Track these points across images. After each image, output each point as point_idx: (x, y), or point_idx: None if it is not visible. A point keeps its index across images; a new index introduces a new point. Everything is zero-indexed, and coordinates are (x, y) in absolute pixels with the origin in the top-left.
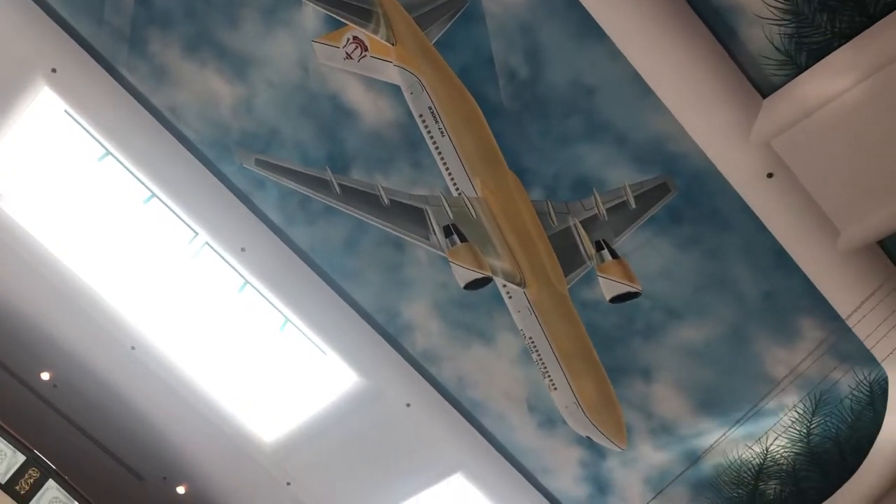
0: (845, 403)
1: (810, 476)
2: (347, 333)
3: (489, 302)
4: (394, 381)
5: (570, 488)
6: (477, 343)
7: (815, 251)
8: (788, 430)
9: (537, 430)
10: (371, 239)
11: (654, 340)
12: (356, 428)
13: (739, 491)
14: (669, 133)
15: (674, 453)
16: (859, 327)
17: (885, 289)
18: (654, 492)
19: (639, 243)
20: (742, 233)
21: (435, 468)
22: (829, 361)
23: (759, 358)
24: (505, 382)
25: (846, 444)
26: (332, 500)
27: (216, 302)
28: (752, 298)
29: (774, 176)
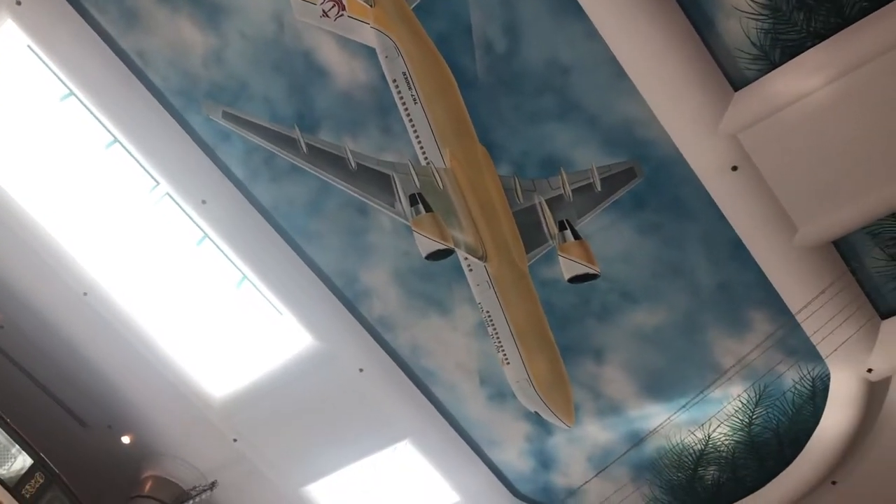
0: (787, 396)
1: (748, 464)
2: (305, 295)
3: (449, 273)
4: (348, 346)
5: (515, 461)
6: (434, 313)
7: (771, 246)
8: (731, 419)
9: (487, 402)
10: (335, 202)
11: (609, 322)
12: (307, 390)
13: (679, 474)
14: (640, 118)
15: (618, 434)
16: (807, 323)
17: (835, 288)
18: (597, 470)
19: (601, 226)
20: (702, 223)
21: (383, 434)
22: (775, 354)
23: (708, 346)
24: (459, 354)
25: (785, 436)
26: (278, 459)
27: (173, 254)
28: (706, 288)
29: (739, 169)
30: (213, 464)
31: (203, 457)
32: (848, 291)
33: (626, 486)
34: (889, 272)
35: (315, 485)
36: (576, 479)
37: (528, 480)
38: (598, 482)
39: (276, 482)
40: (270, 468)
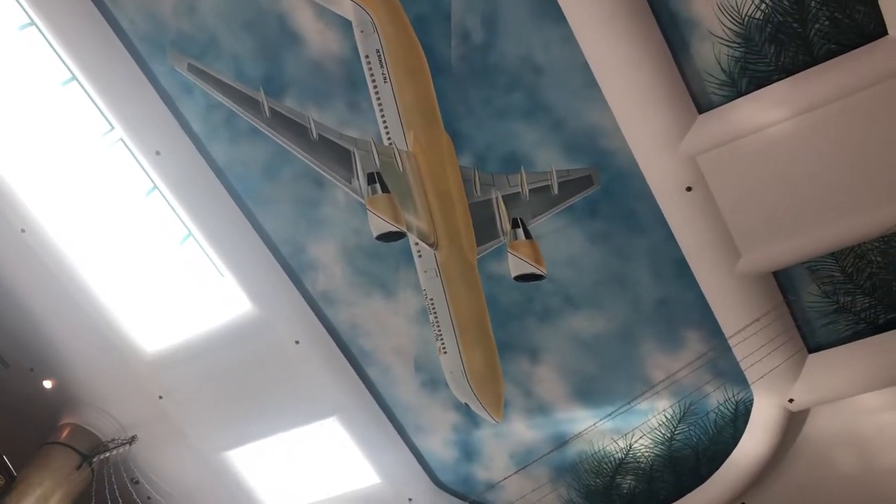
0: (710, 417)
1: (665, 478)
2: (249, 259)
3: (398, 257)
4: (287, 316)
5: (440, 450)
6: (378, 294)
7: (714, 269)
8: (654, 432)
9: (419, 389)
10: (292, 170)
11: (548, 324)
12: (240, 355)
13: (597, 480)
14: (604, 128)
15: (543, 434)
16: (738, 348)
17: (770, 317)
18: (518, 466)
19: (553, 229)
20: (651, 238)
21: (312, 408)
22: (704, 375)
23: (641, 359)
24: (397, 338)
25: (703, 455)
26: (202, 422)
27: (120, 201)
28: (646, 302)
29: (693, 190)
30: (134, 419)
31: (125, 410)
32: (781, 322)
33: (544, 486)
34: (822, 308)
35: (236, 451)
36: (496, 474)
37: (449, 470)
38: (517, 479)
39: (198, 444)
40: (193, 430)
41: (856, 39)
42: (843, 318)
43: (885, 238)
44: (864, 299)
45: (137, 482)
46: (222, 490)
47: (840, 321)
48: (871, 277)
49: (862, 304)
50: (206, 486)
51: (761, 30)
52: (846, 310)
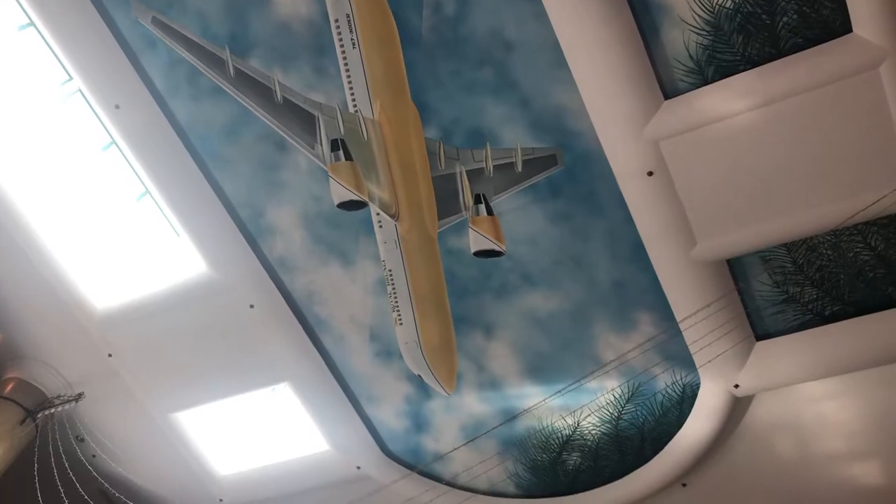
0: (657, 398)
1: (610, 456)
2: (206, 220)
3: (358, 226)
4: (243, 280)
5: (390, 420)
6: (336, 263)
7: (669, 254)
8: (601, 411)
9: (373, 358)
10: (254, 132)
11: (504, 300)
12: (193, 317)
13: (544, 456)
14: (571, 109)
15: (494, 408)
16: (689, 333)
17: (721, 303)
18: (468, 439)
19: (514, 206)
20: (610, 221)
21: (264, 373)
22: (653, 357)
23: (593, 339)
24: (354, 307)
25: (648, 435)
26: (152, 381)
27: (76, 154)
28: (602, 284)
29: (654, 175)
30: (82, 376)
31: (73, 367)
32: (731, 309)
33: (491, 459)
34: (771, 298)
35: (185, 413)
36: (445, 446)
37: (399, 440)
38: (465, 451)
39: (146, 404)
40: (142, 389)
41: (822, 35)
42: (791, 307)
43: (836, 232)
44: (813, 291)
45: (83, 440)
46: (170, 451)
47: (788, 311)
48: (820, 270)
49: (810, 295)
50: (153, 446)
51: (731, 19)
52: (795, 300)
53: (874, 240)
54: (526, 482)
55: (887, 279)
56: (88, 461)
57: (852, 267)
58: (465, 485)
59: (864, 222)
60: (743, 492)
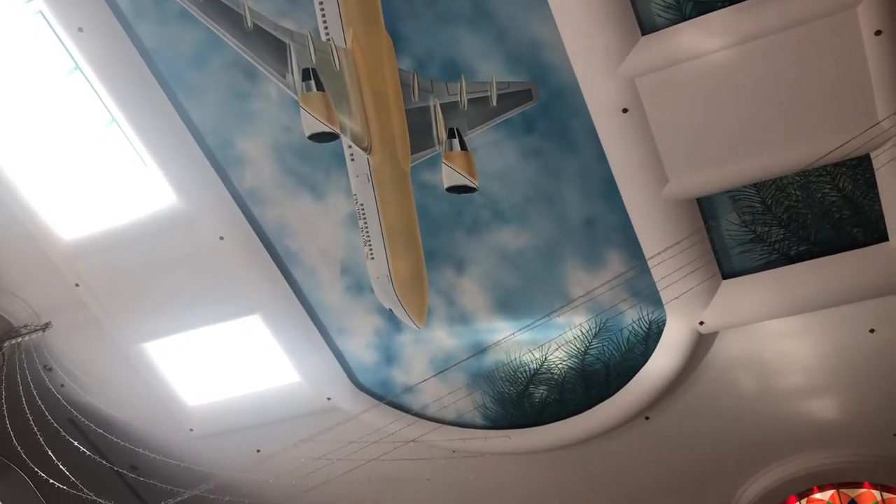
0: (624, 334)
1: (575, 389)
2: (174, 149)
3: (329, 159)
4: (212, 211)
5: (361, 352)
6: (307, 196)
7: (641, 192)
8: (569, 345)
9: (344, 292)
10: (222, 59)
11: (476, 236)
12: (161, 248)
13: (511, 389)
14: (547, 42)
15: (463, 342)
16: (656, 270)
17: (689, 241)
18: (437, 371)
19: (488, 142)
20: (583, 158)
21: (234, 305)
22: (621, 293)
23: (562, 276)
24: (325, 241)
25: (613, 370)
26: (119, 312)
27: (38, 79)
28: (573, 221)
29: (628, 112)
30: (49, 305)
31: (39, 296)
32: (699, 247)
33: (460, 391)
34: (739, 237)
35: (154, 343)
36: (415, 378)
37: (369, 372)
38: (434, 384)
39: (115, 334)
40: (110, 319)
41: None
42: (758, 247)
43: (806, 173)
44: (780, 231)
45: (51, 369)
46: (139, 381)
47: (755, 250)
48: (788, 210)
49: (777, 235)
50: (122, 376)
51: None
52: (762, 239)
53: (842, 181)
54: (493, 414)
55: (853, 220)
56: (57, 390)
57: (819, 207)
58: (434, 416)
59: (834, 163)
60: (704, 425)
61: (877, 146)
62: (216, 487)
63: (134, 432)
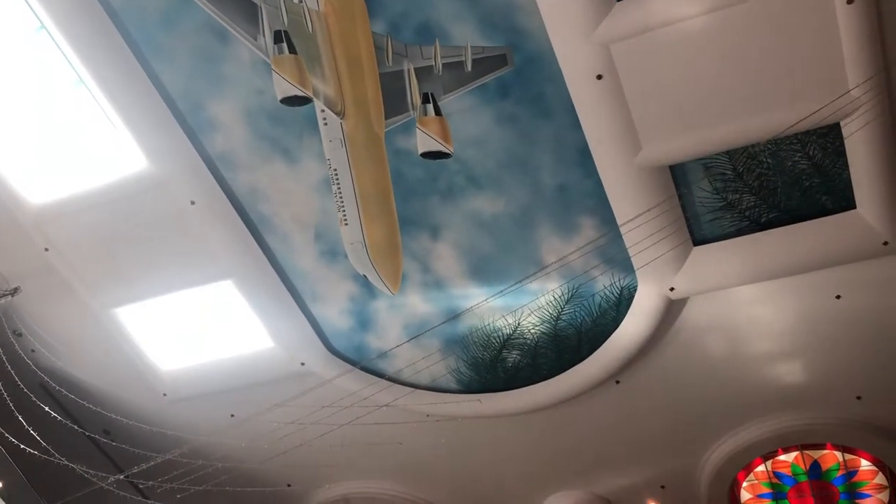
0: (595, 299)
1: (548, 354)
2: (143, 112)
3: (302, 123)
4: (183, 175)
5: (335, 318)
6: (280, 160)
7: (614, 159)
8: (541, 311)
9: (318, 258)
10: (194, 20)
11: (451, 202)
12: (132, 212)
13: (485, 353)
14: (523, 6)
15: (437, 308)
16: (629, 236)
17: (661, 209)
18: (410, 337)
19: (462, 107)
20: (557, 124)
21: (207, 270)
22: (594, 260)
23: (536, 242)
24: (298, 206)
25: (585, 335)
26: (90, 276)
27: (4, 40)
28: (547, 187)
29: (603, 78)
30: (18, 270)
31: (8, 261)
32: (671, 214)
33: (434, 356)
34: (711, 204)
35: (126, 308)
36: (389, 344)
37: (343, 338)
38: (409, 349)
39: (86, 299)
40: (81, 284)
41: None
42: (729, 214)
43: (777, 141)
44: (751, 198)
45: (20, 334)
46: (112, 346)
47: (726, 217)
48: (759, 178)
49: (748, 202)
50: (95, 341)
51: None
52: (733, 207)
53: (812, 149)
54: (467, 378)
55: (822, 188)
56: (27, 356)
57: (790, 175)
58: (408, 381)
59: (805, 132)
60: (673, 389)
61: (847, 115)
62: (189, 451)
63: (107, 397)
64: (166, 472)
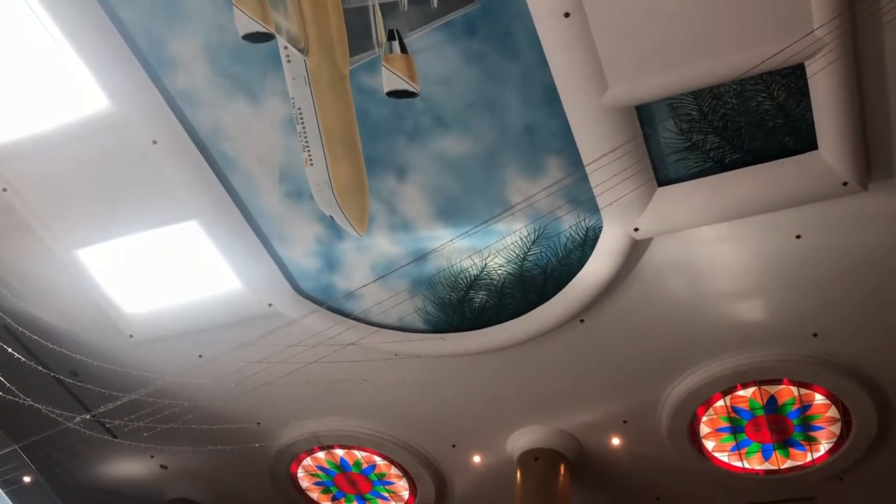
0: (561, 240)
1: (514, 294)
2: (101, 49)
3: (265, 60)
4: (144, 114)
5: (302, 260)
6: (242, 98)
7: (581, 98)
8: (508, 251)
9: (283, 199)
10: None
11: (417, 143)
12: (93, 152)
13: (452, 294)
14: None
15: (405, 249)
16: (594, 176)
17: (626, 148)
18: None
19: (429, 45)
20: (524, 63)
21: (170, 211)
22: (559, 200)
23: (503, 183)
24: (262, 146)
25: (551, 275)
26: (52, 217)
27: None
28: (513, 127)
29: (570, 16)
30: None
31: None
32: (636, 154)
33: (401, 296)
34: (675, 144)
35: (89, 249)
36: (356, 284)
37: (310, 279)
38: (376, 289)
39: (47, 240)
40: (41, 225)
41: None
42: (693, 154)
43: (742, 81)
44: (715, 139)
45: None
46: (75, 288)
47: (690, 158)
48: (723, 118)
49: (712, 143)
50: (57, 283)
51: None
52: (697, 147)
53: (776, 89)
54: (434, 318)
55: (786, 129)
56: None
57: (754, 116)
58: (375, 321)
59: (769, 72)
60: (636, 328)
61: (810, 55)
62: (156, 391)
63: (72, 338)
64: (134, 412)
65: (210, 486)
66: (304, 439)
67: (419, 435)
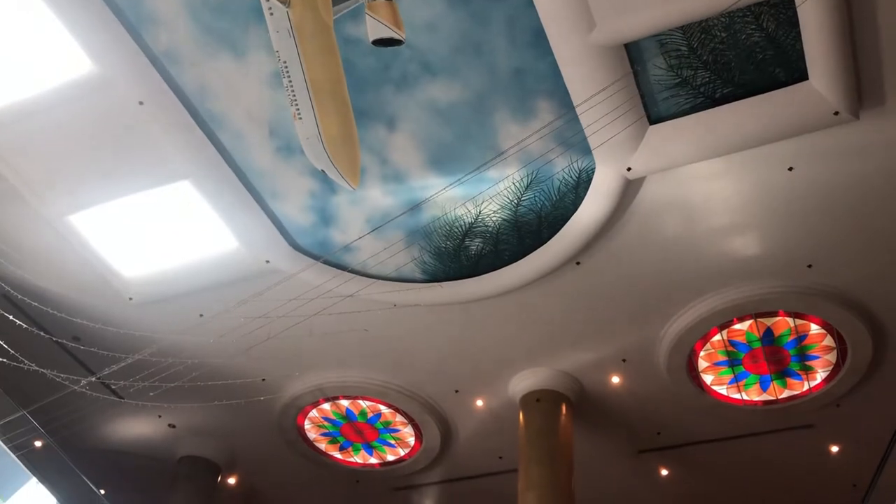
0: (554, 183)
1: (510, 240)
2: (83, 12)
3: (247, 14)
4: (128, 75)
5: (296, 215)
6: (227, 55)
7: (568, 38)
8: (501, 197)
9: (274, 154)
10: None
11: (405, 92)
12: (79, 115)
13: (448, 243)
14: None
15: (399, 200)
16: (585, 117)
17: (616, 87)
18: (372, 228)
19: None
20: (510, 4)
21: (162, 171)
22: (551, 143)
23: (493, 128)
24: (250, 101)
25: (546, 219)
26: (41, 183)
27: None
28: (502, 71)
29: None
30: None
31: None
32: (626, 92)
33: (397, 247)
34: (666, 81)
35: (82, 214)
36: (352, 237)
37: (306, 234)
38: (372, 241)
39: (38, 207)
40: (30, 192)
41: None
42: (684, 91)
43: (731, 14)
44: (705, 74)
45: None
46: (72, 254)
47: (681, 94)
48: (713, 52)
49: (703, 78)
50: (54, 249)
51: None
52: (687, 83)
53: (766, 20)
54: (431, 268)
55: (776, 60)
56: None
57: (743, 48)
58: (373, 272)
59: (758, 2)
60: (632, 267)
61: None
62: (159, 351)
63: (73, 304)
64: (138, 372)
65: (219, 444)
66: (308, 392)
67: (422, 382)
